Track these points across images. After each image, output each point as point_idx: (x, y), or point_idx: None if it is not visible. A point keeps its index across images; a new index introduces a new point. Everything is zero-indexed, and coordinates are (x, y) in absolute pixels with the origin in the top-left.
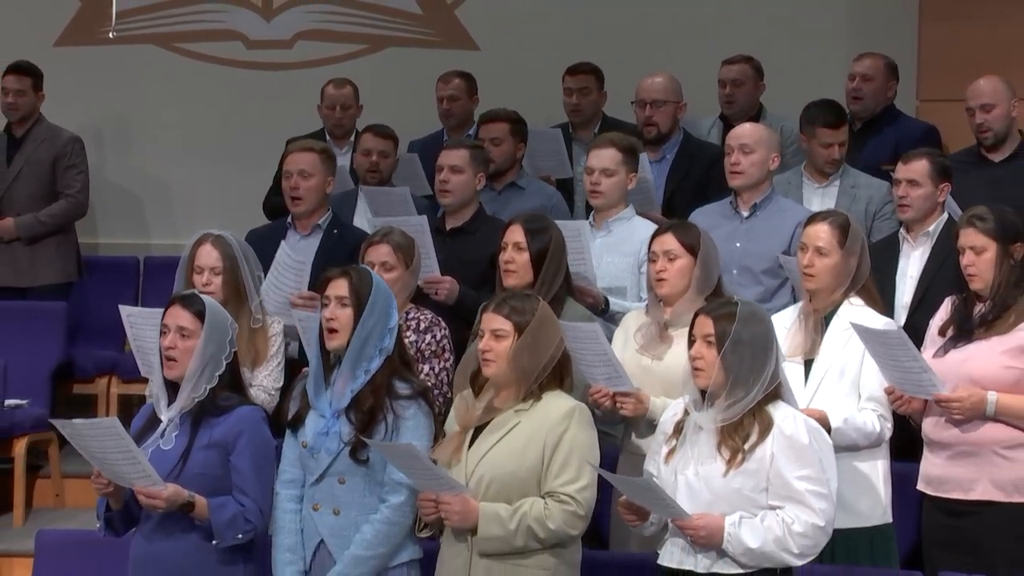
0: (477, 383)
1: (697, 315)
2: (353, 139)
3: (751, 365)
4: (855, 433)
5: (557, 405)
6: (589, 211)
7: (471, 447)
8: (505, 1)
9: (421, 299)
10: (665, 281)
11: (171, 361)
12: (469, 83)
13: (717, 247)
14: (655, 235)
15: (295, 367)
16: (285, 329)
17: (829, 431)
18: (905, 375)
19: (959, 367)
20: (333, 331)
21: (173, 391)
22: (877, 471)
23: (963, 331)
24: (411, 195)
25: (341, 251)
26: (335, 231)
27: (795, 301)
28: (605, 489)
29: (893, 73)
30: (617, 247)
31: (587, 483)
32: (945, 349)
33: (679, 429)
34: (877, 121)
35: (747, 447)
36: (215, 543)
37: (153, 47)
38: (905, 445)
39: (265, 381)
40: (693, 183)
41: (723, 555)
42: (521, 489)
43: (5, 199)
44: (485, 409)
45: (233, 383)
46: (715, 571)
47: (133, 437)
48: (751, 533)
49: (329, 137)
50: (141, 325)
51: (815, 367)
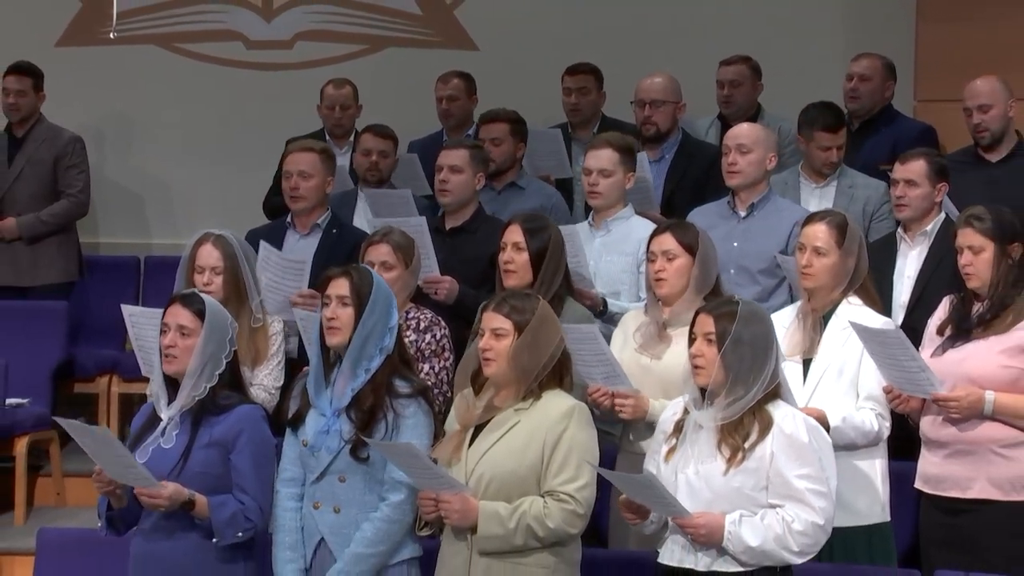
0: (477, 382)
1: (698, 313)
2: (352, 139)
3: (751, 364)
4: (853, 432)
5: (557, 404)
6: (588, 211)
7: (471, 446)
8: (504, 2)
9: (421, 299)
10: (664, 281)
11: (171, 359)
12: (468, 83)
13: (715, 247)
14: (654, 235)
15: (295, 366)
16: (285, 325)
17: (828, 430)
18: (903, 374)
19: (957, 366)
20: (334, 330)
21: (173, 390)
22: (875, 470)
23: (961, 330)
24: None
25: (340, 251)
26: (334, 231)
27: (792, 301)
28: (604, 488)
29: (891, 73)
30: (616, 246)
31: (586, 482)
32: (943, 348)
33: (679, 428)
34: (875, 121)
35: (747, 446)
36: (215, 541)
37: (154, 47)
38: (902, 444)
39: (265, 380)
40: (692, 183)
41: (723, 553)
42: (521, 488)
43: (6, 199)
44: (485, 408)
45: (233, 382)
46: (715, 569)
47: (134, 436)
48: (751, 531)
49: (329, 137)
50: (143, 325)
51: (813, 366)
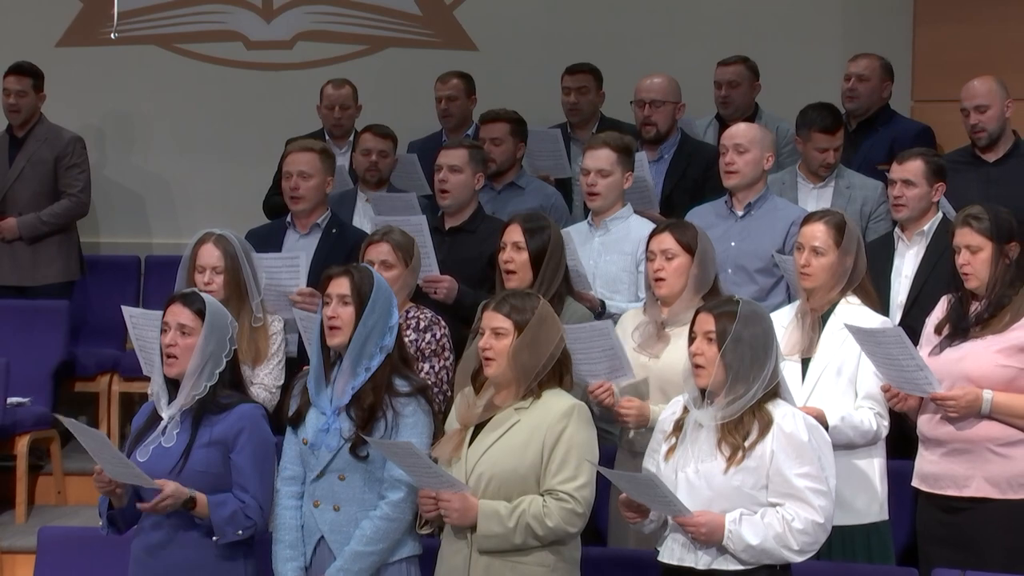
0: (478, 381)
1: (698, 312)
2: (352, 139)
3: (751, 363)
4: (852, 431)
5: (557, 403)
6: (587, 211)
7: (471, 444)
8: (503, 2)
9: (421, 298)
10: (663, 280)
11: (171, 359)
12: (467, 83)
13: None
14: (653, 234)
15: (294, 365)
16: (284, 324)
17: (826, 429)
18: (901, 373)
19: (955, 365)
20: (335, 329)
21: (174, 389)
22: (874, 468)
23: (959, 330)
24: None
25: (340, 250)
26: (334, 230)
27: (790, 300)
28: (603, 487)
29: (888, 73)
30: (615, 246)
31: (586, 481)
32: (941, 347)
33: (679, 427)
34: (872, 121)
35: (747, 444)
36: (216, 540)
37: (154, 47)
38: (900, 442)
39: (266, 379)
40: (690, 183)
41: (723, 552)
42: (520, 487)
43: (7, 199)
44: (485, 407)
45: (234, 381)
46: (715, 568)
47: (134, 435)
48: (752, 530)
49: (328, 137)
50: (143, 326)
51: (812, 365)
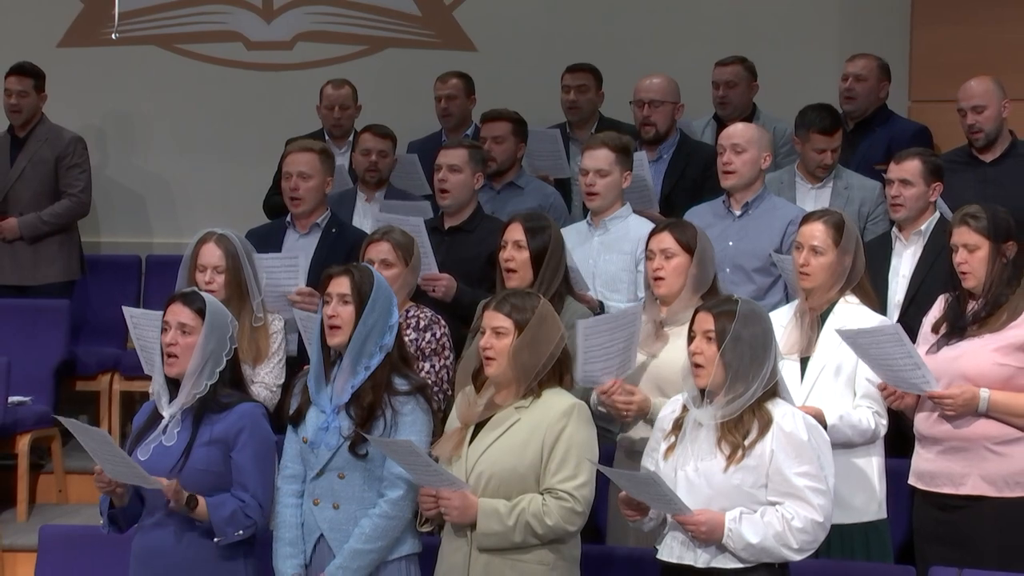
0: (479, 380)
1: (697, 312)
2: (352, 139)
3: (750, 362)
4: (850, 430)
5: (557, 402)
6: (587, 210)
7: (472, 443)
8: (502, 3)
9: (421, 297)
10: (662, 280)
11: (172, 358)
12: (467, 83)
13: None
14: (652, 233)
15: (293, 364)
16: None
17: (825, 428)
18: (898, 372)
19: (952, 364)
20: (335, 328)
21: (175, 388)
22: (872, 467)
23: (956, 328)
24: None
25: (339, 250)
26: (333, 230)
27: (787, 299)
28: (602, 485)
29: (885, 74)
30: (614, 245)
31: (585, 480)
32: (938, 346)
33: (678, 425)
34: (869, 121)
35: (747, 443)
36: (217, 541)
37: (155, 48)
38: (897, 441)
39: (267, 378)
40: (689, 183)
41: (722, 550)
42: (520, 485)
43: (8, 199)
44: (486, 406)
45: (234, 380)
46: (714, 566)
47: (135, 433)
48: (751, 528)
49: (328, 137)
50: (144, 326)
51: (811, 365)
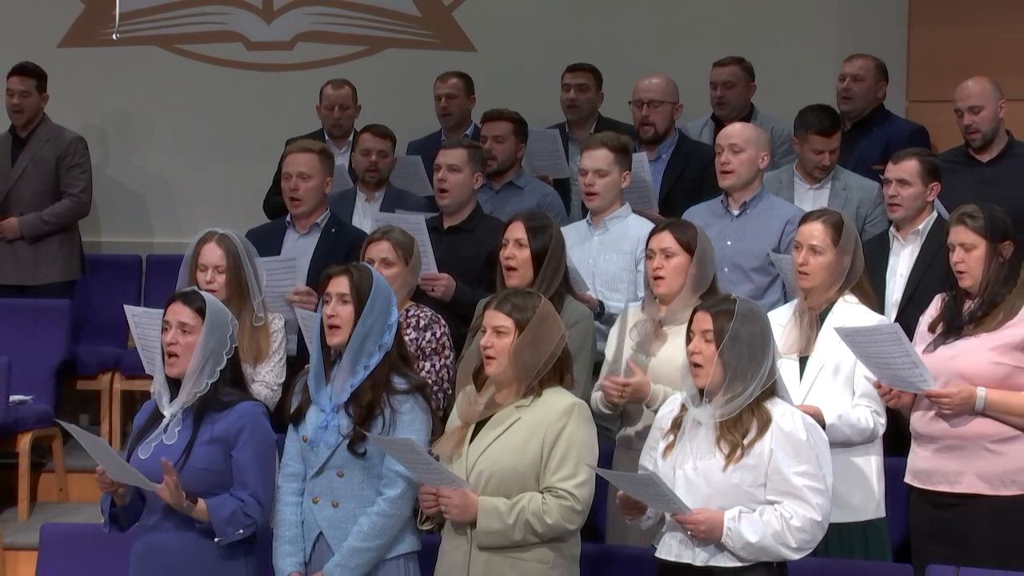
0: (479, 379)
1: (696, 311)
2: (352, 139)
3: (749, 361)
4: (849, 429)
5: (557, 401)
6: (585, 210)
7: (472, 442)
8: (501, 4)
9: (421, 297)
10: (662, 279)
11: (173, 357)
12: (467, 83)
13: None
14: (653, 233)
15: (293, 363)
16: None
17: (823, 427)
18: (895, 372)
19: (948, 363)
20: (334, 328)
21: (175, 387)
22: (871, 466)
23: (952, 328)
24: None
25: (339, 249)
26: (333, 230)
27: (786, 298)
28: (602, 484)
29: (883, 74)
30: (614, 245)
31: (585, 479)
32: (935, 345)
33: (677, 424)
34: (867, 121)
35: (746, 442)
36: (217, 541)
37: (155, 48)
38: (895, 440)
39: (267, 377)
40: (688, 183)
41: (721, 549)
42: (520, 484)
43: (10, 198)
44: (486, 405)
45: (235, 379)
46: (712, 564)
47: (136, 432)
48: (750, 527)
49: (328, 137)
50: (145, 325)
51: (810, 364)
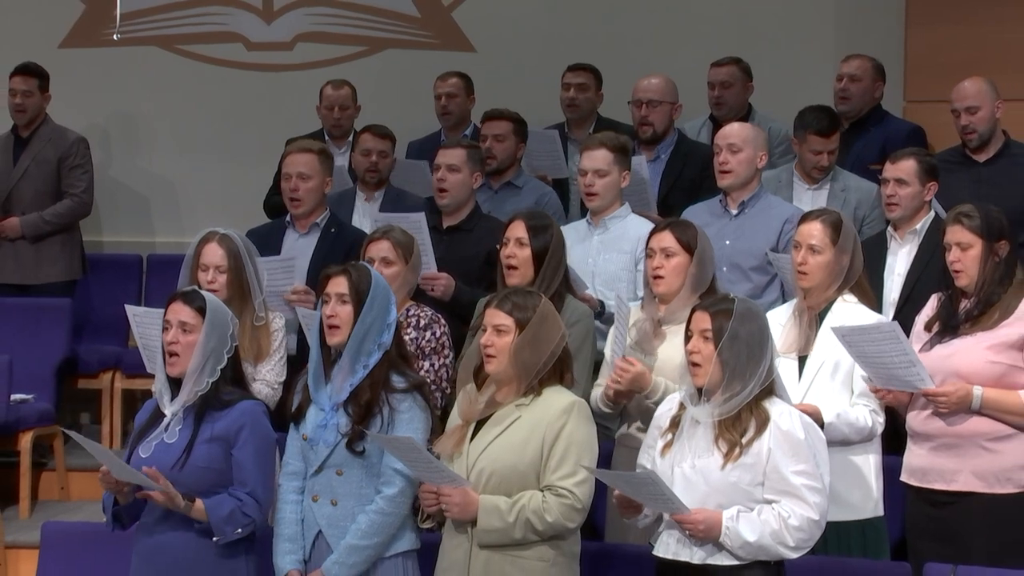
0: (480, 377)
1: (694, 310)
2: (351, 139)
3: (747, 360)
4: (847, 428)
5: (557, 400)
6: (585, 210)
7: (473, 440)
8: (500, 4)
9: (421, 296)
10: (662, 279)
11: (173, 356)
12: (467, 83)
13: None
14: (653, 232)
15: (293, 363)
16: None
17: (822, 426)
18: (891, 371)
19: (944, 362)
20: (334, 327)
21: (176, 386)
22: (869, 464)
23: (948, 327)
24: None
25: (338, 249)
26: (332, 230)
27: (784, 297)
28: (601, 482)
29: (880, 74)
30: (614, 244)
31: (585, 477)
32: (931, 344)
33: (675, 423)
34: (864, 121)
35: (744, 441)
36: (216, 540)
37: (156, 49)
38: (894, 439)
39: (268, 375)
40: (687, 183)
41: (719, 547)
42: (521, 482)
43: (12, 198)
44: (487, 403)
45: (235, 378)
46: (710, 563)
47: (137, 431)
48: (748, 527)
49: (328, 137)
50: (147, 324)
51: (809, 363)
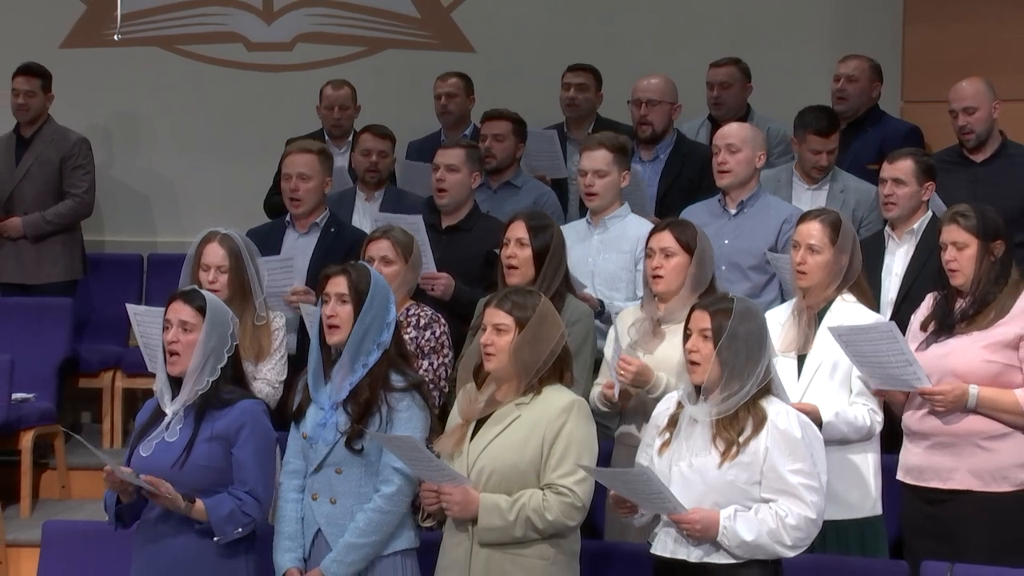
0: (479, 376)
1: (693, 309)
2: (351, 139)
3: (746, 359)
4: (846, 427)
5: (556, 399)
6: (584, 210)
7: (473, 439)
8: (500, 5)
9: (421, 296)
10: (661, 278)
11: (174, 355)
12: (467, 83)
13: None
14: (653, 232)
15: (293, 362)
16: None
17: (820, 425)
18: (887, 371)
19: (940, 361)
20: (334, 327)
21: (177, 385)
22: (868, 463)
23: (944, 326)
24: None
25: (338, 249)
26: (332, 230)
27: (783, 297)
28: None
29: (877, 74)
30: (613, 244)
31: (584, 475)
32: (927, 344)
33: (673, 422)
34: (862, 121)
35: (741, 440)
36: (216, 540)
37: (157, 49)
38: (892, 437)
39: (269, 374)
40: (686, 183)
41: (716, 546)
42: (521, 481)
43: (14, 197)
44: (487, 402)
45: (236, 377)
46: (707, 561)
47: (138, 430)
48: (746, 526)
49: (328, 137)
50: (148, 323)
51: (808, 362)
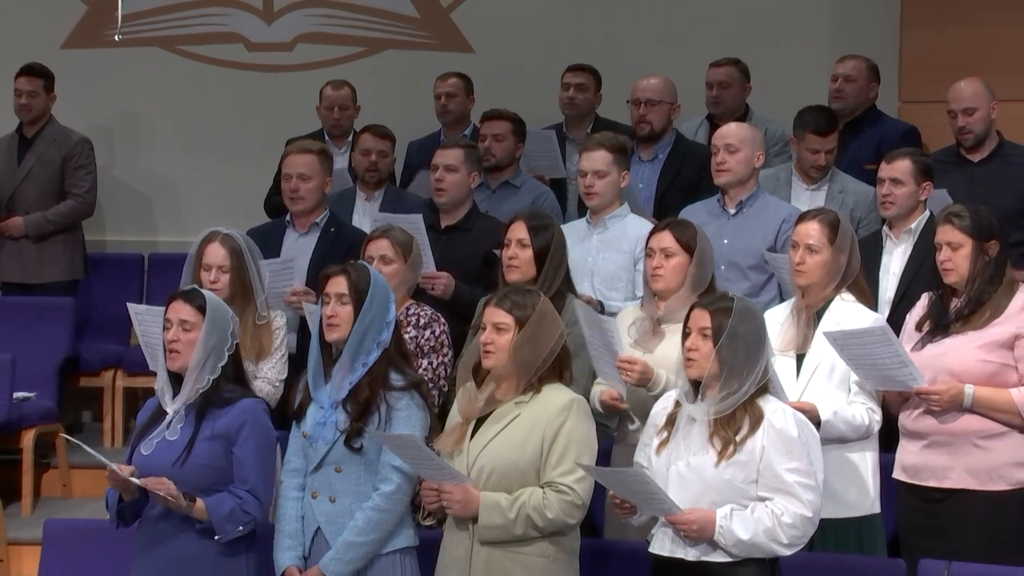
0: (479, 375)
1: (693, 308)
2: (351, 139)
3: (745, 359)
4: (844, 426)
5: (556, 397)
6: (583, 210)
7: (473, 438)
8: (499, 5)
9: (421, 295)
10: (661, 277)
11: (174, 354)
12: (466, 83)
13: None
14: (653, 232)
15: (293, 362)
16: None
17: (819, 424)
18: (883, 372)
19: (936, 360)
20: (333, 327)
21: (178, 384)
22: (866, 462)
23: (939, 326)
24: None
25: (338, 249)
26: (332, 229)
27: (782, 296)
28: None
29: (874, 74)
30: (613, 244)
31: (584, 474)
32: (922, 343)
33: (671, 421)
34: (859, 121)
35: (738, 439)
36: (217, 539)
37: (157, 49)
38: (891, 436)
39: (270, 373)
40: (685, 183)
41: (713, 545)
42: (521, 479)
43: (15, 197)
44: (486, 401)
45: (236, 375)
46: (705, 560)
47: (139, 429)
48: (742, 525)
49: (328, 137)
50: (149, 322)
51: (807, 361)
